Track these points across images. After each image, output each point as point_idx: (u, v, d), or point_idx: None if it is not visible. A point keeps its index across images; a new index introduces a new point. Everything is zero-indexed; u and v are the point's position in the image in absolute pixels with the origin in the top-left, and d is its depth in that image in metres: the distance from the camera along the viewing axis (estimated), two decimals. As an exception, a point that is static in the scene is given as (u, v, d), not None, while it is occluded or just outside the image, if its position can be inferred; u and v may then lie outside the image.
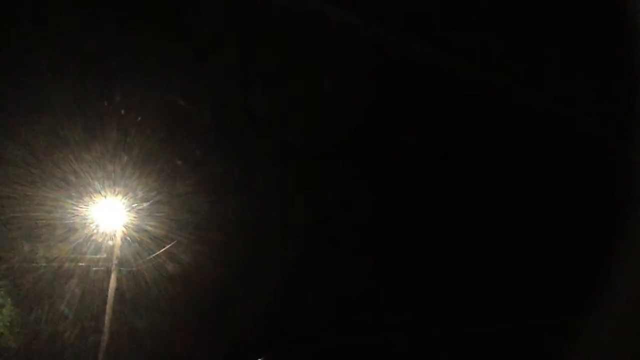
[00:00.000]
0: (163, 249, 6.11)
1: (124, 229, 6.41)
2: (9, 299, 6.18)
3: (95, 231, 6.37)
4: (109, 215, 6.38)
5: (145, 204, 6.20)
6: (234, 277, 5.75)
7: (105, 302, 6.19)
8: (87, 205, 6.30)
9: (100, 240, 6.40)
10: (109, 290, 6.28)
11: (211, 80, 5.44)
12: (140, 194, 6.18)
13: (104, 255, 6.39)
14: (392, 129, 5.01)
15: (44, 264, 6.13)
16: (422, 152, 4.85)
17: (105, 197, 6.27)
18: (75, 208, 6.24)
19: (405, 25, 4.54)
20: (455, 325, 4.29)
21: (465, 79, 4.56)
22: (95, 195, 6.26)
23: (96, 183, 6.17)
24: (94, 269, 6.29)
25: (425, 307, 4.70)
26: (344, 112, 5.18)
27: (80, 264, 6.24)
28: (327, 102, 5.21)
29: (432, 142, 4.96)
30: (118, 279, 6.31)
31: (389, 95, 4.98)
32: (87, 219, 6.33)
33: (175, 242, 6.05)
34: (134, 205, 6.30)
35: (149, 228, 6.24)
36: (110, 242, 6.41)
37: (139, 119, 5.75)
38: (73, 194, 6.19)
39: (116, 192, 6.27)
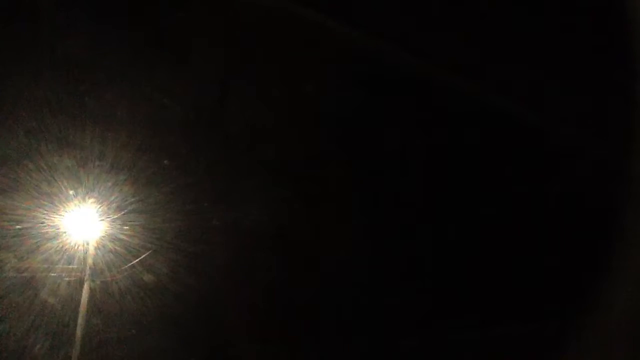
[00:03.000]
0: (138, 259, 5.97)
1: (97, 239, 6.25)
2: (-22, 311, 5.99)
3: (67, 241, 6.21)
4: (82, 224, 6.22)
5: (120, 213, 6.06)
6: (212, 288, 5.64)
7: (77, 314, 6.03)
8: (60, 215, 6.14)
9: (73, 250, 6.24)
10: (82, 301, 6.12)
11: (189, 86, 5.37)
12: (114, 203, 6.04)
13: (77, 266, 6.23)
14: (376, 134, 4.99)
15: (14, 275, 5.95)
16: (408, 158, 4.84)
17: (78, 206, 6.12)
18: (47, 217, 6.08)
19: (390, 31, 4.53)
20: (452, 331, 4.28)
21: (451, 85, 4.57)
22: (68, 204, 6.10)
23: (69, 191, 6.02)
24: (66, 279, 6.12)
25: (415, 313, 4.68)
26: (325, 118, 5.15)
27: (52, 274, 6.06)
28: (309, 108, 5.17)
29: (418, 148, 4.96)
30: (91, 290, 6.15)
31: (372, 101, 4.96)
32: (59, 229, 6.16)
33: (151, 251, 5.92)
34: (108, 214, 6.15)
35: (123, 237, 6.08)
36: (83, 252, 6.25)
37: (114, 125, 5.65)
38: (45, 202, 6.03)
39: (90, 201, 6.12)
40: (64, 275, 6.18)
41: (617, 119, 3.84)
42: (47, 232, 6.12)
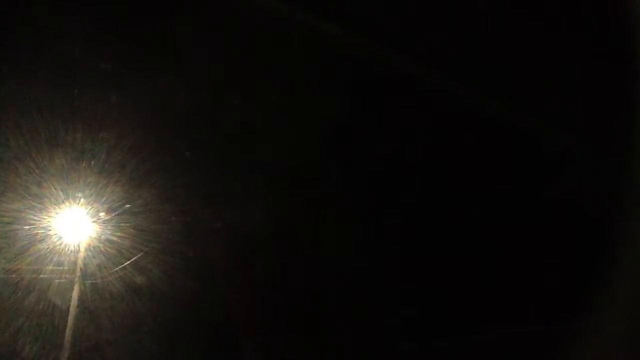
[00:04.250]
0: (130, 261, 5.92)
1: (88, 240, 6.20)
2: (-33, 314, 5.92)
3: (58, 242, 6.16)
4: (73, 226, 6.17)
5: (111, 214, 6.02)
6: (205, 290, 5.61)
7: (67, 316, 5.97)
8: (50, 216, 6.09)
9: (63, 251, 6.19)
10: (71, 303, 6.07)
11: (182, 86, 5.34)
12: (106, 204, 6.00)
13: (67, 267, 6.18)
14: (374, 136, 4.99)
15: (3, 276, 5.89)
16: (405, 161, 4.84)
17: (69, 207, 6.07)
18: (38, 219, 6.03)
19: (386, 35, 4.53)
20: (452, 334, 4.28)
21: (444, 90, 4.58)
22: (58, 205, 6.05)
23: (60, 193, 5.97)
24: (57, 281, 6.07)
25: (413, 316, 4.68)
26: (320, 122, 5.14)
27: (42, 276, 6.01)
28: (303, 111, 5.17)
29: (412, 153, 4.97)
30: (81, 292, 6.10)
31: (370, 103, 4.96)
32: (50, 230, 6.11)
33: (143, 253, 5.88)
34: (99, 215, 6.11)
35: (115, 239, 6.04)
36: (74, 254, 6.20)
37: (106, 126, 5.61)
38: (35, 204, 5.98)
39: (81, 202, 6.07)
40: (54, 277, 6.13)
41: (616, 123, 3.86)
42: (37, 234, 6.07)
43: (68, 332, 5.85)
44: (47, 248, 6.12)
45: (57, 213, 6.14)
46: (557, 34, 4.24)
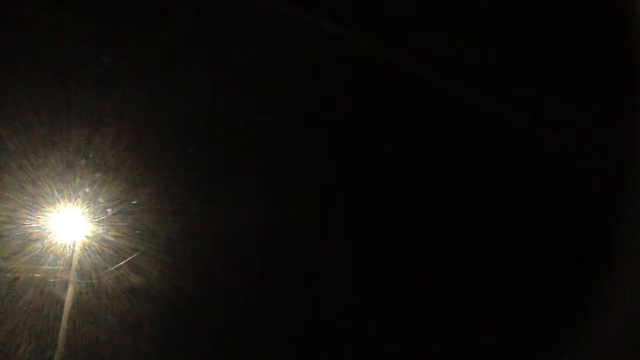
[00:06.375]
0: (126, 260, 5.89)
1: (84, 240, 6.16)
2: (-40, 314, 5.89)
3: (53, 242, 6.12)
4: (68, 225, 6.13)
5: (107, 213, 5.99)
6: (201, 290, 5.59)
7: (61, 316, 5.94)
8: (45, 215, 6.05)
9: (58, 251, 6.15)
10: (66, 303, 6.03)
11: (179, 85, 5.32)
12: (102, 203, 5.97)
13: (62, 267, 6.14)
14: (371, 138, 4.99)
15: (-3, 276, 5.86)
16: (402, 164, 4.84)
17: (64, 206, 6.04)
18: (33, 218, 5.99)
19: (387, 34, 4.52)
20: (450, 338, 4.27)
21: (445, 90, 4.57)
22: (53, 204, 6.02)
23: (55, 191, 5.94)
24: (51, 280, 6.03)
25: (406, 321, 4.68)
26: (318, 122, 5.13)
27: (37, 275, 5.98)
28: (301, 111, 5.16)
29: (411, 154, 4.96)
30: (77, 291, 6.06)
31: (368, 104, 4.95)
32: (45, 229, 6.07)
33: (139, 253, 5.85)
34: (95, 214, 6.07)
35: (111, 238, 6.00)
36: (69, 253, 6.17)
37: (102, 124, 5.59)
38: (30, 202, 5.94)
39: (76, 201, 6.04)
40: (48, 276, 6.10)
41: (616, 124, 3.86)
42: (31, 233, 6.03)
43: (62, 332, 5.82)
44: (42, 247, 6.08)
45: (52, 212, 6.10)
46: (558, 35, 4.24)
